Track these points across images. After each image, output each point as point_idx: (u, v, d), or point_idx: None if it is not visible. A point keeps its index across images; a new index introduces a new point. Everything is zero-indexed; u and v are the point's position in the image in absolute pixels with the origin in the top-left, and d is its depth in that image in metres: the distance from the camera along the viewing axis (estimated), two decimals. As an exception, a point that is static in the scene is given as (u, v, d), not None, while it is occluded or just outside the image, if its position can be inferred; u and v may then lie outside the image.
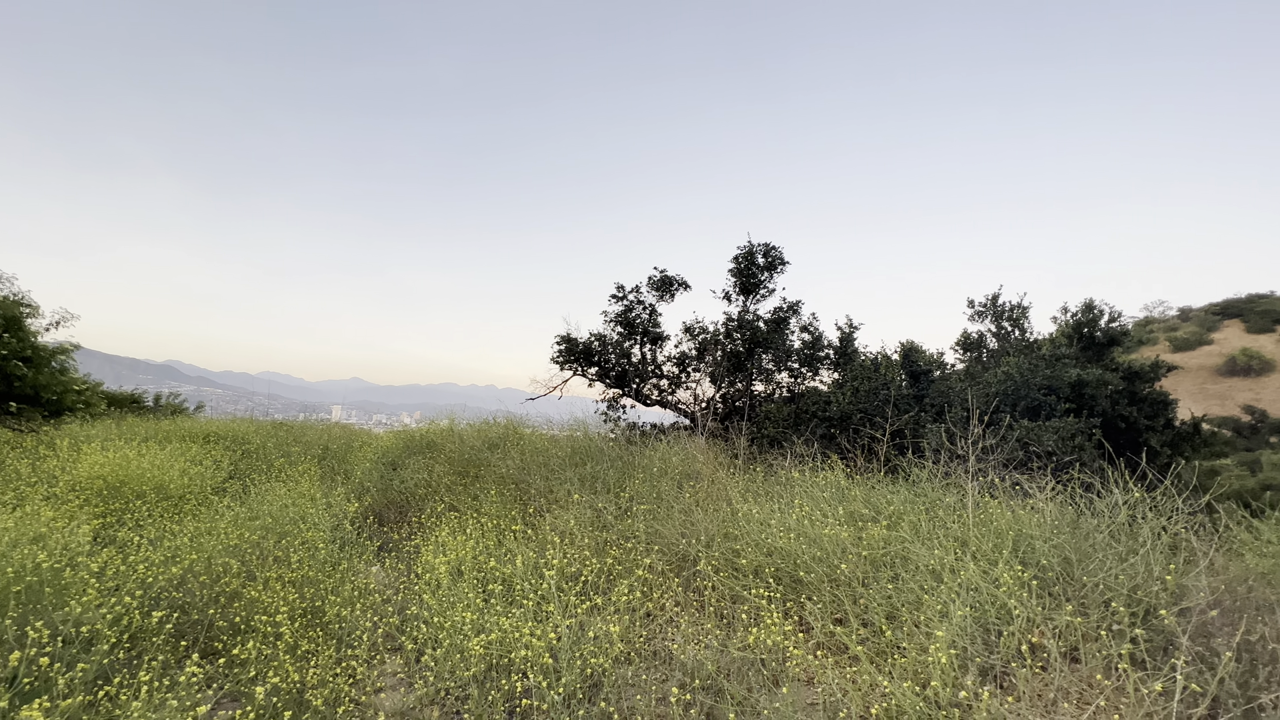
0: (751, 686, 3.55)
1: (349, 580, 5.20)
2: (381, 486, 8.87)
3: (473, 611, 4.11)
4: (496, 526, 6.07)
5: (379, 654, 4.32)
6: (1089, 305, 11.79)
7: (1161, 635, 3.62)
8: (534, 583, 4.44)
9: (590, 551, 5.08)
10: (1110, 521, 4.38)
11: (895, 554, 4.32)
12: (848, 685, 3.21)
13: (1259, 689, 3.25)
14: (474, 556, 5.16)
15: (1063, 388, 9.67)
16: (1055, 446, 7.87)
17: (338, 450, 11.26)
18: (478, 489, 7.67)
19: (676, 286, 13.57)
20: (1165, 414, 10.95)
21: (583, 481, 7.08)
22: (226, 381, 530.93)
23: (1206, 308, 73.85)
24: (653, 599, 4.66)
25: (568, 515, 5.96)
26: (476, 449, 9.20)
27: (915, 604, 3.75)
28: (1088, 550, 4.02)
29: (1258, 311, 67.82)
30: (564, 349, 13.43)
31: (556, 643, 3.66)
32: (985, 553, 4.04)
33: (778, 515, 5.03)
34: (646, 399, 13.66)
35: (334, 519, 6.71)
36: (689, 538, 5.12)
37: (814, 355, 12.58)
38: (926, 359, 11.98)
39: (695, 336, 13.31)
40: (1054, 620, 3.59)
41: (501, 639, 3.81)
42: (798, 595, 4.39)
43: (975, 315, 13.52)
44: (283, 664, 3.89)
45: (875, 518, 4.99)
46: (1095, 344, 11.57)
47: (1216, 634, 3.63)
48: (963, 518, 4.61)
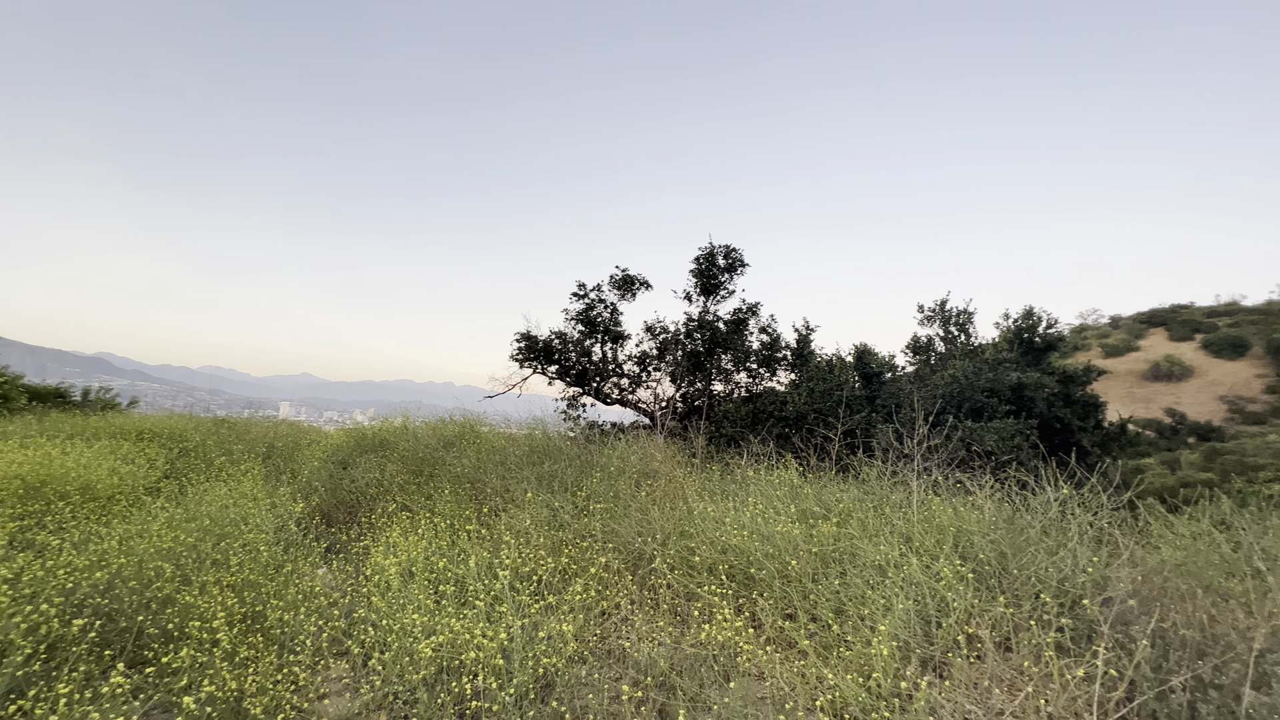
0: (703, 682, 3.60)
1: (293, 583, 5.02)
2: (330, 486, 8.58)
3: (423, 613, 4.03)
4: (450, 526, 5.96)
5: (324, 659, 4.18)
6: (1029, 312, 12.41)
7: (1086, 624, 3.85)
8: (487, 583, 4.39)
9: (546, 551, 5.04)
10: (1043, 517, 4.63)
11: (844, 550, 4.46)
12: (795, 679, 3.29)
13: (1170, 672, 3.49)
14: (426, 557, 5.05)
15: (1004, 390, 10.16)
16: (996, 446, 8.26)
17: (284, 449, 10.83)
18: (432, 488, 7.50)
19: (638, 286, 13.60)
20: (1095, 415, 11.64)
21: (540, 480, 7.02)
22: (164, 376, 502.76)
23: (1134, 316, 78.74)
24: (609, 597, 4.67)
25: (524, 515, 5.91)
26: (431, 447, 9.00)
27: (861, 599, 3.88)
28: (1021, 545, 4.24)
29: (1179, 321, 72.78)
30: (524, 346, 13.29)
31: (508, 643, 3.62)
32: (928, 548, 4.21)
33: (732, 513, 5.11)
34: (607, 398, 13.65)
35: (278, 520, 6.46)
36: (645, 536, 5.15)
37: (772, 356, 12.83)
38: (879, 361, 12.38)
39: (656, 336, 13.39)
40: (989, 612, 3.78)
41: (452, 641, 3.75)
42: (750, 592, 4.47)
43: (925, 320, 14.04)
44: (219, 672, 3.72)
45: (826, 515, 5.13)
46: (1034, 349, 12.19)
47: (1135, 622, 3.89)
48: (908, 515, 4.79)
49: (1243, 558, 4.29)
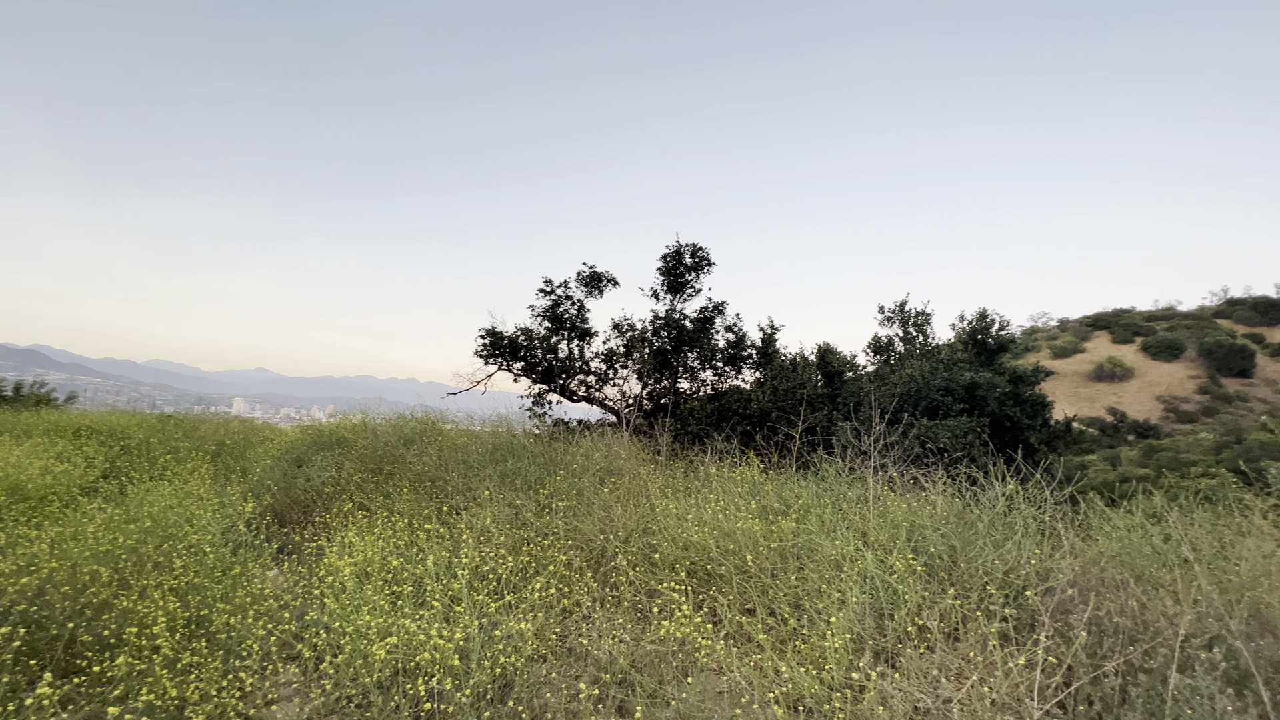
0: (662, 679, 3.62)
1: (242, 586, 4.83)
2: (284, 485, 8.30)
3: (378, 615, 3.94)
4: (409, 526, 5.83)
5: (273, 664, 4.04)
6: (982, 314, 12.86)
7: (1029, 613, 4.02)
8: (446, 583, 4.31)
9: (507, 550, 4.99)
10: (991, 512, 4.81)
11: (802, 546, 4.54)
12: (752, 673, 3.34)
13: (1104, 657, 3.67)
14: (383, 557, 4.94)
15: (958, 389, 10.51)
16: (949, 443, 8.53)
17: (235, 446, 10.42)
18: (391, 487, 7.33)
19: (605, 283, 13.56)
20: (1043, 414, 12.14)
21: (503, 478, 6.93)
22: (107, 370, 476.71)
23: (1081, 319, 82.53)
24: (570, 595, 4.65)
25: (485, 513, 5.83)
26: (391, 445, 8.80)
27: (818, 593, 3.96)
28: (970, 538, 4.40)
29: (1122, 324, 76.58)
30: (489, 342, 13.10)
31: (465, 643, 3.57)
32: (882, 543, 4.32)
33: (694, 510, 5.15)
34: (573, 395, 13.58)
35: (227, 520, 6.21)
36: (608, 534, 5.14)
37: (737, 355, 12.96)
38: (840, 361, 12.65)
39: (624, 333, 13.37)
40: (939, 603, 3.90)
41: (408, 642, 3.67)
42: (711, 588, 4.52)
43: (885, 321, 14.40)
44: (159, 679, 3.55)
45: (786, 511, 5.22)
46: (987, 350, 12.63)
47: (1073, 610, 4.08)
48: (864, 511, 4.91)
49: (1172, 549, 4.54)
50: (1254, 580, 3.95)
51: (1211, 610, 3.77)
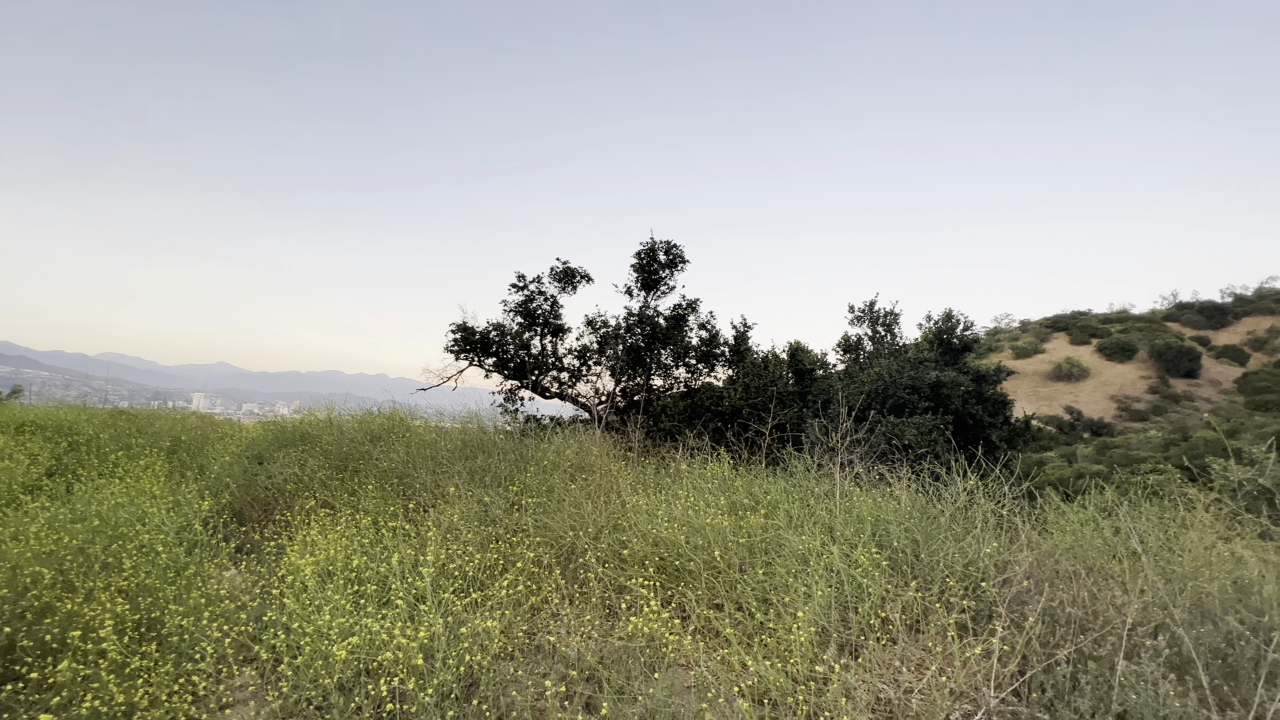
0: (630, 675, 3.62)
1: (196, 587, 4.67)
2: (244, 482, 8.04)
3: (340, 614, 3.84)
4: (375, 523, 5.72)
5: (229, 667, 3.91)
6: (948, 315, 13.19)
7: (986, 604, 4.14)
8: (411, 581, 4.23)
9: (475, 547, 4.92)
10: (952, 506, 4.93)
11: (770, 541, 4.59)
12: (719, 668, 3.36)
13: (1056, 646, 3.81)
14: (346, 555, 4.83)
15: (924, 388, 10.76)
16: (914, 440, 8.73)
17: (192, 442, 10.06)
18: (356, 484, 7.17)
19: (579, 279, 13.48)
20: (1004, 412, 12.52)
21: (472, 475, 6.84)
22: (55, 363, 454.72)
23: (1041, 321, 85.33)
24: (538, 592, 4.61)
25: (453, 510, 5.74)
26: (357, 441, 8.60)
27: (785, 588, 4.01)
28: (932, 532, 4.51)
29: (1079, 326, 79.44)
30: (460, 338, 12.91)
31: (429, 642, 3.51)
32: (848, 537, 4.40)
33: (664, 506, 5.16)
34: (546, 391, 13.48)
35: (182, 519, 5.99)
36: (578, 530, 5.12)
37: (710, 352, 13.03)
38: (811, 359, 12.83)
39: (597, 330, 13.32)
40: (902, 596, 3.99)
41: (370, 641, 3.60)
42: (681, 584, 4.53)
43: (855, 320, 14.65)
44: (105, 685, 3.41)
45: (755, 507, 5.27)
46: (952, 349, 12.97)
47: (1029, 601, 4.22)
48: (831, 506, 4.99)
49: (1121, 541, 4.73)
50: (1196, 571, 4.13)
51: (1157, 599, 3.93)
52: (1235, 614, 3.75)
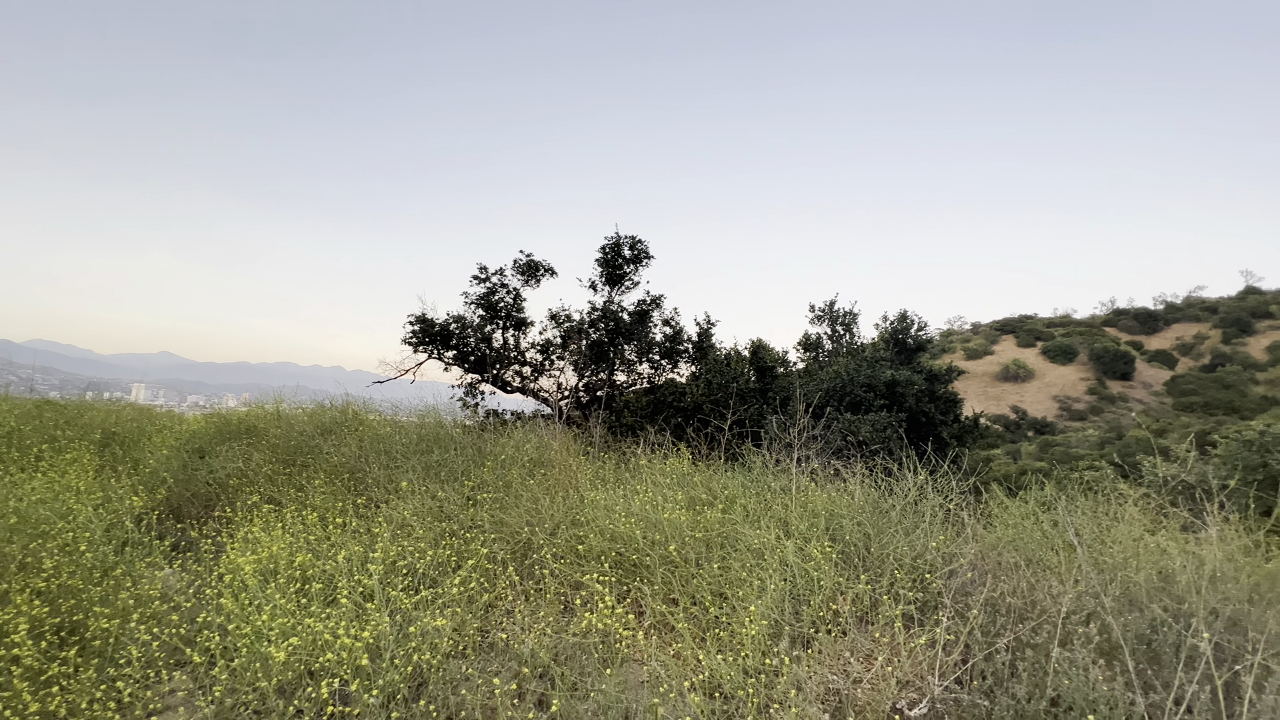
0: (584, 671, 3.58)
1: (125, 587, 4.40)
2: (183, 477, 7.65)
3: (282, 614, 3.68)
4: (322, 520, 5.51)
5: (159, 671, 3.70)
6: (903, 316, 13.57)
7: (933, 595, 4.27)
8: (359, 578, 4.09)
9: (426, 543, 4.80)
10: (903, 501, 5.07)
11: (727, 535, 4.63)
12: (672, 662, 3.36)
13: (997, 635, 3.95)
14: (291, 553, 4.63)
15: (879, 386, 11.05)
16: (869, 437, 8.96)
17: (127, 435, 9.51)
18: (304, 479, 6.91)
19: (543, 272, 13.32)
20: (955, 411, 12.96)
21: (427, 470, 6.67)
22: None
23: (991, 324, 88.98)
24: (494, 589, 4.53)
25: (406, 505, 5.59)
26: (307, 435, 8.28)
27: (740, 581, 4.05)
28: (883, 526, 4.62)
29: (1025, 330, 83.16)
30: (419, 329, 12.59)
31: (374, 642, 3.40)
32: (802, 531, 4.47)
33: (622, 501, 5.14)
34: (508, 386, 13.28)
35: (112, 516, 5.65)
36: (534, 526, 5.05)
37: (674, 348, 13.07)
38: (772, 356, 13.02)
39: (560, 324, 13.18)
40: (853, 589, 4.07)
41: (313, 642, 3.46)
42: (637, 579, 4.52)
43: (815, 319, 14.93)
44: (18, 694, 3.18)
45: (713, 502, 5.30)
46: (907, 349, 13.35)
47: (972, 592, 4.37)
48: (787, 501, 5.06)
49: (1058, 534, 4.95)
50: (1125, 561, 4.35)
51: (1090, 589, 4.12)
52: (1159, 602, 3.97)
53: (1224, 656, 3.64)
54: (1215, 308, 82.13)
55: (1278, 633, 3.53)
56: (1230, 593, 3.82)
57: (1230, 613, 3.73)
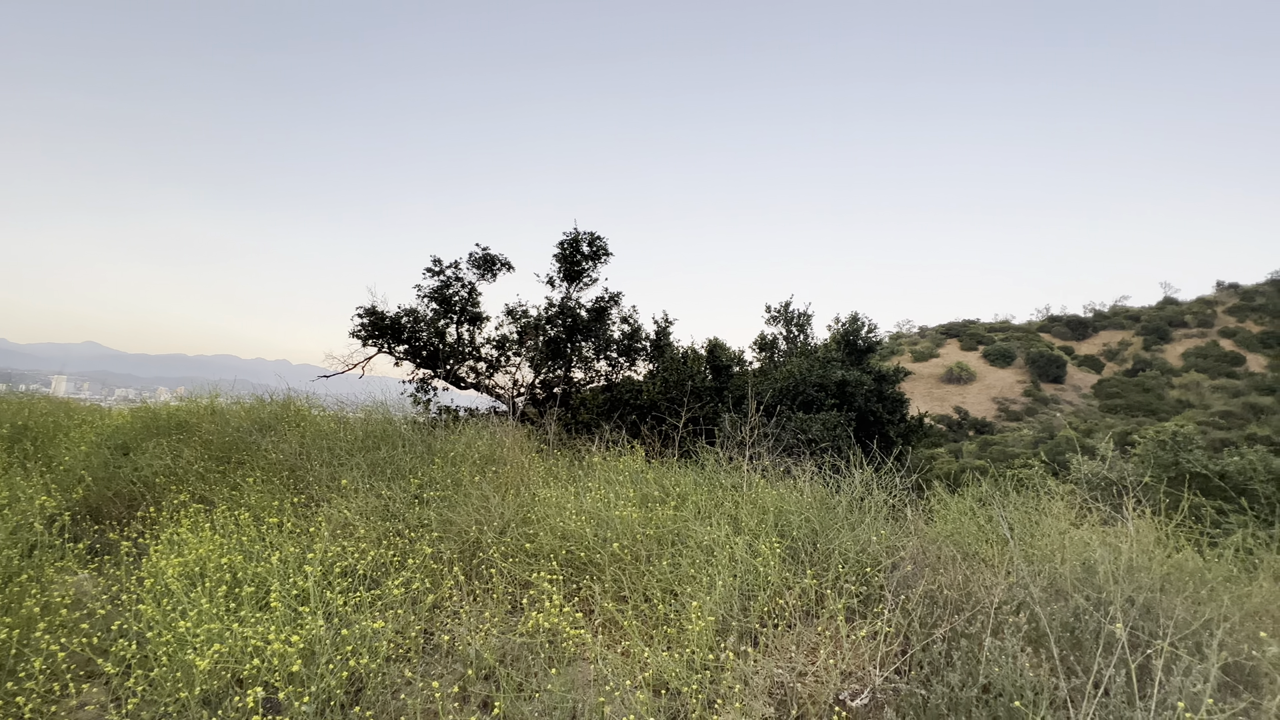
0: (531, 671, 3.52)
1: (30, 594, 4.07)
2: (104, 476, 7.15)
3: (208, 620, 3.47)
4: (257, 519, 5.24)
5: (66, 684, 3.43)
6: (854, 318, 13.97)
7: (875, 589, 4.40)
8: (294, 580, 3.90)
9: (369, 544, 4.63)
10: (848, 497, 5.20)
11: (678, 532, 4.64)
12: (619, 660, 3.34)
13: (934, 625, 4.10)
14: (221, 555, 4.38)
15: (831, 386, 11.34)
16: (820, 435, 9.17)
17: (40, 430, 8.82)
18: (240, 477, 6.56)
19: (499, 266, 13.09)
20: (901, 410, 13.43)
21: (373, 468, 6.44)
22: None
23: (937, 328, 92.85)
24: (440, 590, 4.41)
25: (349, 504, 5.38)
26: (244, 430, 7.87)
27: (690, 578, 4.06)
28: (829, 522, 4.73)
29: (969, 334, 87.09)
30: (368, 322, 12.17)
31: (307, 647, 3.25)
32: (752, 528, 4.53)
33: (573, 499, 5.09)
34: (462, 382, 13.00)
35: (19, 517, 5.22)
36: (484, 524, 4.94)
37: (632, 346, 13.07)
38: (729, 355, 13.17)
39: (517, 320, 12.99)
40: (799, 583, 4.15)
41: (242, 648, 3.27)
42: (586, 577, 4.48)
43: (771, 319, 15.20)
44: (-101, 713, 2.89)
45: (665, 499, 5.32)
46: (857, 350, 13.75)
47: (913, 585, 4.52)
48: (738, 498, 5.12)
49: (993, 528, 5.18)
50: (1051, 553, 4.59)
51: (1020, 580, 4.33)
52: (1082, 592, 4.20)
53: (1138, 642, 3.88)
54: (1138, 316, 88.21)
55: (1184, 619, 3.79)
56: (1144, 582, 4.07)
57: (1143, 601, 3.98)
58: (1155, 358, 76.71)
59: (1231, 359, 73.49)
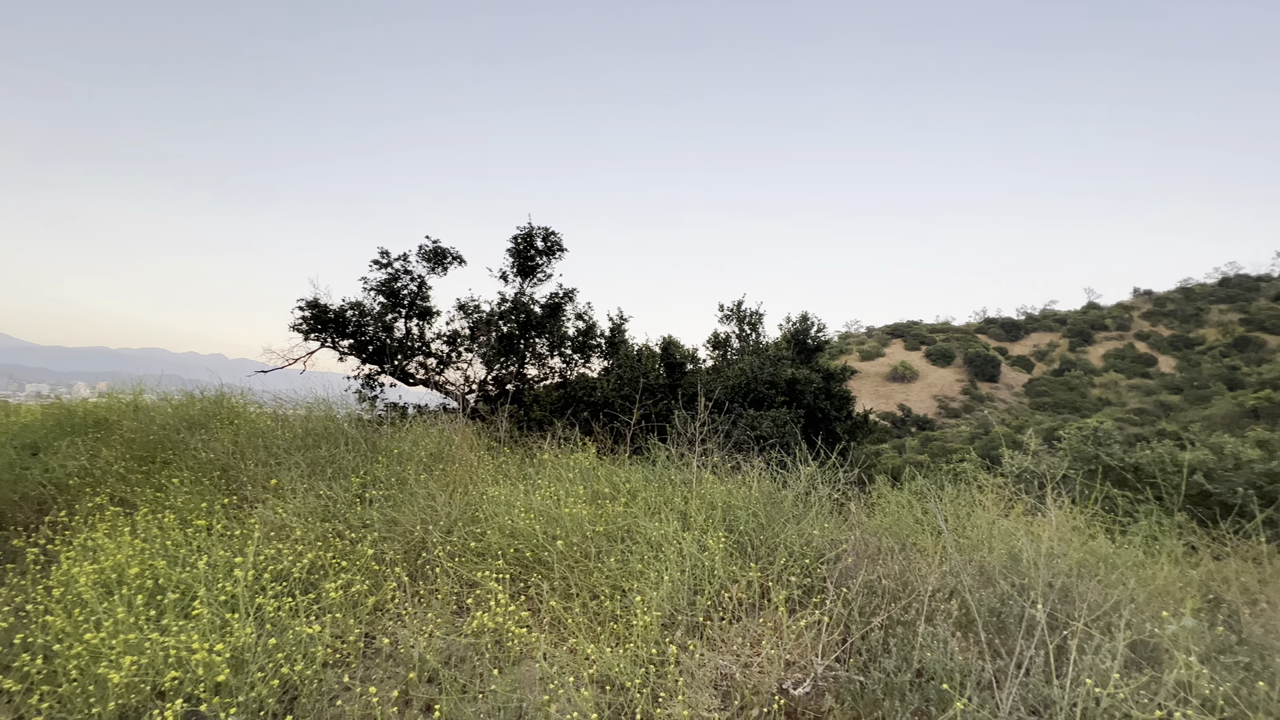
0: (476, 672, 3.47)
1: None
2: (9, 478, 6.60)
3: (125, 630, 3.26)
4: (185, 523, 4.95)
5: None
6: (804, 317, 14.34)
7: (819, 580, 4.54)
8: (223, 586, 3.71)
9: (305, 545, 4.44)
10: (795, 492, 5.34)
11: (628, 528, 4.66)
12: (566, 657, 3.33)
13: (873, 614, 4.27)
14: (143, 560, 4.12)
15: (781, 383, 11.61)
16: (770, 431, 9.38)
17: (-68, 429, 8.06)
18: (166, 477, 6.18)
19: (450, 260, 12.77)
20: (848, 408, 13.89)
21: (313, 466, 6.19)
22: None
23: (883, 328, 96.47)
24: (382, 592, 4.27)
25: (286, 505, 5.14)
26: (171, 428, 7.42)
27: (638, 574, 4.08)
28: (775, 516, 4.84)
29: (912, 334, 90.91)
30: (310, 315, 11.65)
31: (231, 655, 3.09)
32: (700, 523, 4.59)
33: (523, 497, 5.03)
34: (411, 378, 12.63)
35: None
36: (428, 524, 4.82)
37: (587, 343, 12.99)
38: (682, 353, 13.30)
39: (469, 315, 12.71)
40: (745, 576, 4.24)
41: (164, 658, 3.09)
42: (535, 575, 4.44)
43: (724, 318, 15.42)
44: None
45: (615, 496, 5.32)
46: (806, 349, 14.12)
47: (854, 575, 4.69)
48: (687, 494, 5.18)
49: (929, 520, 5.43)
50: (981, 542, 4.84)
51: (953, 569, 4.55)
52: (1008, 578, 4.46)
53: (1056, 624, 4.14)
54: (1064, 320, 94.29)
55: (1097, 601, 4.07)
56: (1061, 568, 4.35)
57: (1062, 585, 4.25)
58: (1080, 358, 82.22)
59: (1146, 360, 79.55)
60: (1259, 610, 4.44)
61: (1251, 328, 77.92)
